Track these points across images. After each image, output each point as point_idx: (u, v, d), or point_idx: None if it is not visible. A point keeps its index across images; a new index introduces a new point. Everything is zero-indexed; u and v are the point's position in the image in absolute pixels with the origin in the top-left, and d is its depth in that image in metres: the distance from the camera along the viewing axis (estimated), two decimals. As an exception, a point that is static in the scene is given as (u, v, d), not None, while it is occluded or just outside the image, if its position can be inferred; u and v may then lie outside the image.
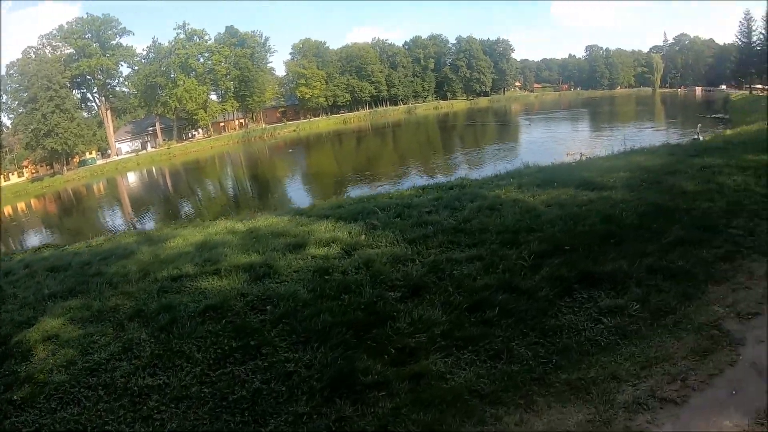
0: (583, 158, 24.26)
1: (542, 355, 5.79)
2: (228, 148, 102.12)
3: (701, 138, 29.06)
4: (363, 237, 10.02)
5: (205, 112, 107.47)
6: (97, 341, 7.04)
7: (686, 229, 8.93)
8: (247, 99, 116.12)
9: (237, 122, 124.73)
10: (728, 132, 32.96)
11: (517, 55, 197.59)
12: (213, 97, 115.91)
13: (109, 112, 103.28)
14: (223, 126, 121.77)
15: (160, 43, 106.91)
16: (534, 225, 9.71)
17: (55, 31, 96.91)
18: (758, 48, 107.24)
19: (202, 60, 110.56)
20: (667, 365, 5.44)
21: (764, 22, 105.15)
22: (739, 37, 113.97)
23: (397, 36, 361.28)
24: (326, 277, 8.10)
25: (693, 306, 6.56)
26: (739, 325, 6.11)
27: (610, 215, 9.81)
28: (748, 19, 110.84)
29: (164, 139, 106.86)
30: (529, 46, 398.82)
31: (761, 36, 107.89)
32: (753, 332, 5.92)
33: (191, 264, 9.60)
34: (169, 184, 66.03)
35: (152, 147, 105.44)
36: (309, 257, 9.22)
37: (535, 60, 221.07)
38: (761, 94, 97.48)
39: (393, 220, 11.25)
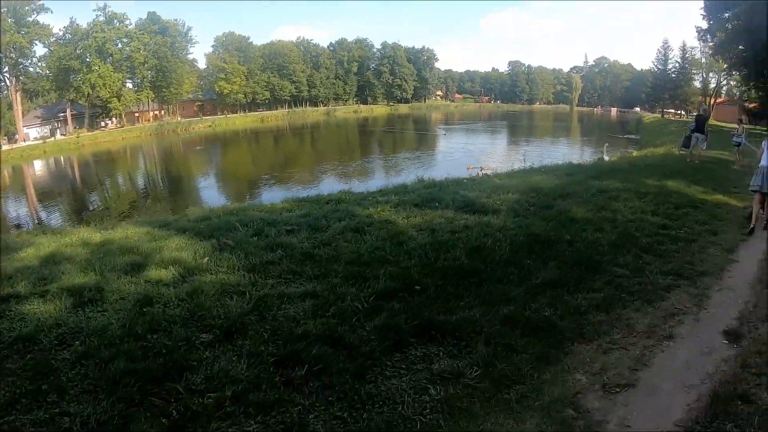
0: (481, 174, 23.33)
1: (339, 437, 4.27)
2: (140, 140, 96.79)
3: (607, 158, 28.66)
4: (206, 260, 8.33)
5: (119, 100, 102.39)
6: None
7: (565, 266, 7.71)
8: (164, 90, 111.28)
9: (152, 113, 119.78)
10: (635, 153, 32.89)
11: (442, 65, 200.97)
12: (129, 85, 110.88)
13: (19, 94, 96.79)
14: (138, 116, 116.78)
15: (77, 24, 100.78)
16: (392, 255, 8.23)
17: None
18: (673, 75, 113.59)
19: (120, 45, 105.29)
20: (493, 462, 3.99)
21: (681, 52, 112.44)
22: (656, 63, 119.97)
23: (325, 36, 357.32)
24: (145, 309, 6.42)
25: (549, 373, 5.17)
26: (602, 400, 4.81)
27: (481, 247, 8.46)
28: (665, 47, 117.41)
29: (75, 127, 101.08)
30: (455, 58, 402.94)
31: (676, 65, 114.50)
32: (618, 412, 4.64)
33: (27, 282, 7.75)
34: (78, 176, 61.94)
35: (62, 134, 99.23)
36: (143, 281, 7.50)
37: (459, 71, 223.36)
38: (672, 118, 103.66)
39: (249, 239, 9.47)
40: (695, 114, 23.94)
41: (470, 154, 53.74)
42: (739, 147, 24.11)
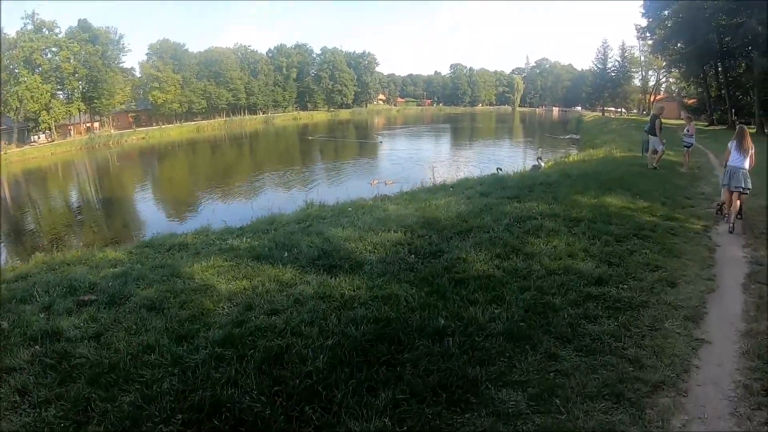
0: (385, 187, 20.35)
1: None
2: (70, 155, 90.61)
3: (542, 164, 25.81)
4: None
5: (48, 113, 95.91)
6: None
7: (411, 399, 4.38)
8: (95, 101, 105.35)
9: (83, 126, 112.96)
10: (571, 157, 29.96)
11: (386, 70, 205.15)
12: (61, 96, 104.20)
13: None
14: (71, 129, 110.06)
15: (5, 34, 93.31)
16: (155, 365, 5.06)
17: None
18: (612, 74, 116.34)
19: (49, 55, 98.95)
20: None
21: (620, 51, 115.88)
22: (596, 63, 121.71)
23: (270, 41, 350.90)
24: None
25: None
26: None
27: (286, 352, 5.08)
28: (605, 47, 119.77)
29: (6, 142, 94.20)
30: (399, 62, 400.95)
31: (616, 63, 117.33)
32: None
33: None
34: (8, 198, 56.29)
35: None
36: None
37: (402, 75, 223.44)
38: (612, 116, 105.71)
39: (31, 317, 6.49)
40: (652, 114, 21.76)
41: (398, 162, 49.90)
42: (689, 148, 21.90)
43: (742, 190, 11.98)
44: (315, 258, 8.39)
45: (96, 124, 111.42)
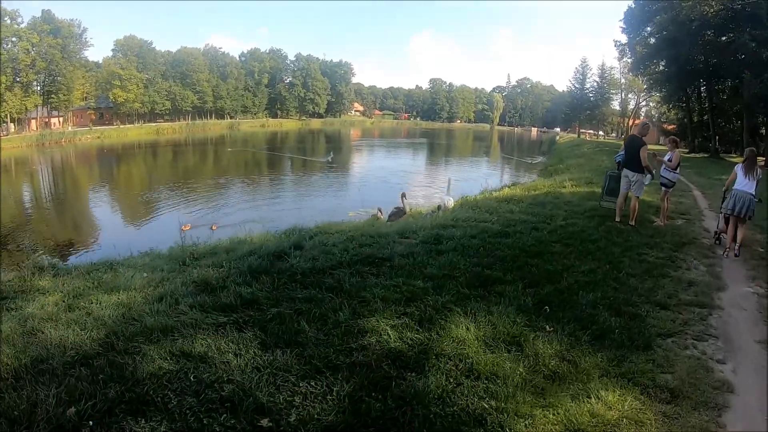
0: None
1: None
2: (18, 152, 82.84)
3: (450, 200, 19.52)
4: None
5: (0, 106, 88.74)
6: None
7: None
8: (52, 96, 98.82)
9: (39, 121, 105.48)
10: (505, 191, 22.18)
11: (367, 81, 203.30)
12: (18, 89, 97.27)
13: None
14: (30, 123, 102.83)
15: None
16: None
17: None
18: (591, 95, 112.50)
19: (9, 45, 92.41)
20: None
21: (599, 71, 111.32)
22: (573, 82, 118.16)
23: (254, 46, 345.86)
24: None
25: None
26: None
27: None
28: (584, 66, 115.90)
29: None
30: (382, 74, 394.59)
31: (594, 84, 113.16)
32: None
33: None
34: None
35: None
36: None
37: (383, 87, 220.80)
38: (588, 139, 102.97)
39: None
40: (626, 137, 14.39)
41: (323, 187, 42.50)
42: (671, 188, 14.59)
43: (750, 216, 11.45)
44: None
45: (56, 120, 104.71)
